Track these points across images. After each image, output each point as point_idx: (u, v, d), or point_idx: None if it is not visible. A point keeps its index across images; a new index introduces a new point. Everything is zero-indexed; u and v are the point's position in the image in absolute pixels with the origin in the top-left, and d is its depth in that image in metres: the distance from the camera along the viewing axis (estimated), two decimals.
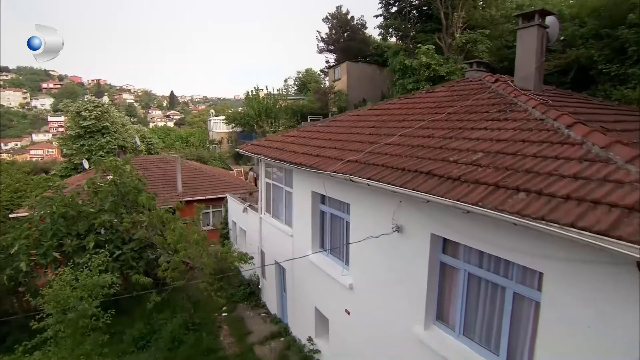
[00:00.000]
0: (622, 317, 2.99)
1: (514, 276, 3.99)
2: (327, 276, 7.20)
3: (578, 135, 3.89)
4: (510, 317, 4.07)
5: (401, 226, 5.17)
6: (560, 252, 3.30)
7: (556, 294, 3.45)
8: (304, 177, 7.90)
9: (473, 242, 4.22)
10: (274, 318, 10.28)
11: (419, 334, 5.02)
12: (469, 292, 4.60)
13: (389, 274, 5.60)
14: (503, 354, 4.19)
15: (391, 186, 4.51)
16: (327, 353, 7.74)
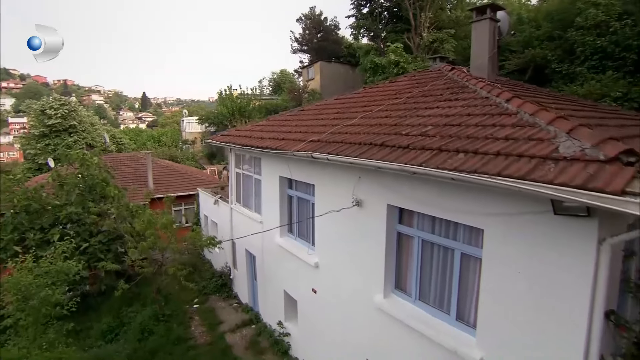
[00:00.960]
0: (546, 259, 3.36)
1: (461, 237, 4.34)
2: (295, 258, 7.40)
3: (514, 107, 4.29)
4: (459, 277, 4.40)
5: (360, 200, 5.44)
6: (497, 208, 3.66)
7: (493, 248, 3.80)
8: (272, 163, 8.08)
9: (424, 208, 4.53)
10: (246, 307, 10.36)
11: (379, 303, 5.29)
12: (423, 259, 4.90)
13: (351, 249, 5.85)
14: (453, 312, 4.52)
15: (347, 157, 4.77)
16: (297, 335, 7.91)
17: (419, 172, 3.72)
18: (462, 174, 3.30)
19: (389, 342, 5.25)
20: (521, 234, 3.51)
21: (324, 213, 5.96)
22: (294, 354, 8.03)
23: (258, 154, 8.69)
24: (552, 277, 3.34)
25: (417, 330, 4.69)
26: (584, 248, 3.08)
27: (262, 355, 8.34)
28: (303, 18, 31.82)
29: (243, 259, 10.30)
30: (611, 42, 12.92)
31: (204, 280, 12.17)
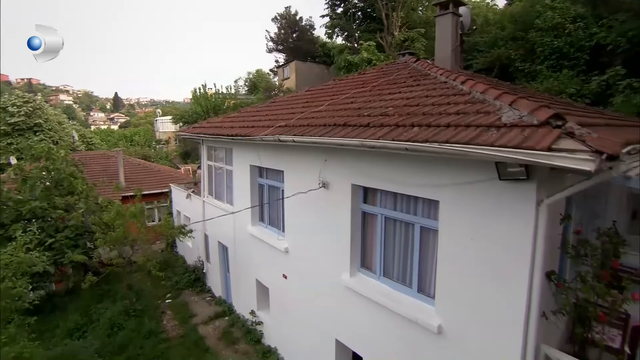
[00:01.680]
0: (493, 223, 3.60)
1: (420, 212, 4.55)
2: (266, 245, 7.47)
3: (467, 87, 4.56)
4: (419, 251, 4.61)
5: (327, 182, 5.60)
6: (450, 179, 3.89)
7: (448, 219, 4.02)
8: (242, 152, 8.14)
9: (386, 185, 4.72)
10: (219, 300, 10.32)
11: (346, 282, 5.45)
12: (386, 236, 5.10)
13: (319, 232, 5.98)
14: (415, 285, 4.73)
15: (311, 138, 4.91)
16: (269, 322, 7.97)
17: (377, 145, 3.91)
18: (415, 144, 3.49)
19: (356, 318, 5.41)
20: (472, 202, 3.75)
21: (291, 195, 6.08)
22: (266, 341, 8.08)
23: (229, 144, 8.73)
24: (498, 240, 3.59)
25: (382, 305, 4.87)
26: (524, 210, 3.33)
27: (235, 345, 8.34)
28: (278, 18, 31.92)
29: (216, 251, 10.25)
30: (567, 43, 13.74)
31: (176, 276, 12.02)
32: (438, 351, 4.24)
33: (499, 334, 3.68)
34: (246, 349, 8.15)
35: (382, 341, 5.00)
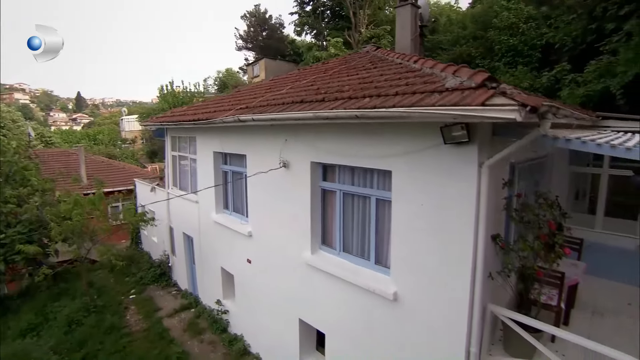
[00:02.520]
0: (441, 188, 3.78)
1: (375, 184, 4.71)
2: (230, 232, 7.43)
3: (419, 65, 4.76)
4: (376, 224, 4.75)
5: (287, 162, 5.66)
6: (401, 148, 4.05)
7: (400, 188, 4.18)
8: (206, 139, 8.06)
9: (342, 160, 4.84)
10: (185, 293, 10.12)
11: (307, 260, 5.53)
12: (345, 212, 5.21)
13: (281, 212, 6.03)
14: (372, 257, 4.87)
15: (269, 114, 4.96)
16: (235, 310, 7.92)
17: (330, 116, 4.01)
18: (365, 110, 3.62)
19: (318, 296, 5.49)
20: (421, 170, 3.92)
21: (253, 174, 6.11)
22: (232, 330, 8.02)
23: (192, 132, 8.62)
24: (445, 204, 3.77)
25: (342, 278, 4.98)
26: (467, 172, 3.53)
27: (200, 335, 8.22)
28: (248, 15, 31.70)
29: (181, 243, 10.06)
30: (521, 41, 14.57)
31: (141, 271, 11.68)
32: (395, 317, 4.38)
33: (448, 295, 3.86)
34: (212, 339, 8.05)
35: (343, 315, 5.11)
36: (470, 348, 3.81)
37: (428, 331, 4.07)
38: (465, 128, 3.33)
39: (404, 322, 4.29)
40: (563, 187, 6.81)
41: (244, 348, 7.44)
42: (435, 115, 3.06)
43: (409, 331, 4.25)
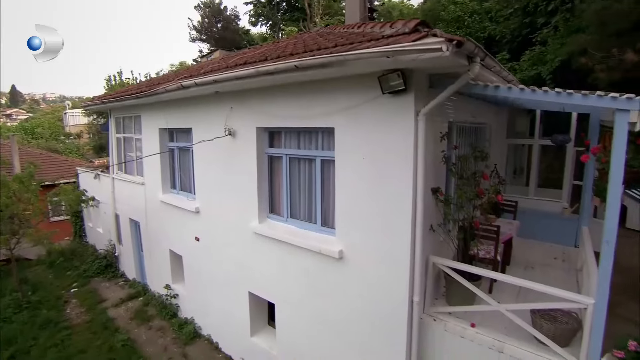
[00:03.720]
0: (381, 140, 3.85)
1: (319, 145, 4.72)
2: (177, 210, 7.15)
3: (362, 29, 4.85)
4: (321, 185, 4.75)
5: (233, 130, 5.52)
6: (343, 103, 4.08)
7: (342, 144, 4.21)
8: (151, 117, 7.70)
9: (288, 122, 4.79)
10: (133, 282, 9.63)
11: (254, 229, 5.43)
12: (291, 177, 5.16)
13: (228, 184, 5.87)
14: (319, 220, 4.87)
15: (210, 76, 4.81)
16: (185, 293, 7.63)
17: (270, 70, 3.95)
18: (303, 59, 3.61)
19: (267, 265, 5.41)
20: (361, 123, 3.96)
21: (197, 142, 5.91)
22: (183, 314, 7.73)
23: (137, 110, 8.20)
24: (385, 156, 3.84)
25: (289, 243, 4.94)
26: (405, 121, 3.62)
27: (148, 322, 7.85)
28: (202, 6, 30.73)
29: (128, 230, 9.54)
30: (466, 34, 15.32)
31: (84, 264, 10.93)
32: (341, 275, 4.42)
33: (391, 247, 3.93)
34: (161, 325, 7.71)
35: (291, 282, 5.08)
36: (413, 297, 3.92)
37: (373, 285, 4.14)
38: (401, 76, 3.41)
39: (350, 278, 4.34)
40: (501, 158, 7.24)
41: (194, 331, 7.20)
42: (370, 55, 3.09)
43: (355, 287, 4.30)
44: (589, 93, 3.04)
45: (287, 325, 5.36)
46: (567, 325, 3.61)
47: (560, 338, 3.57)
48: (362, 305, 4.28)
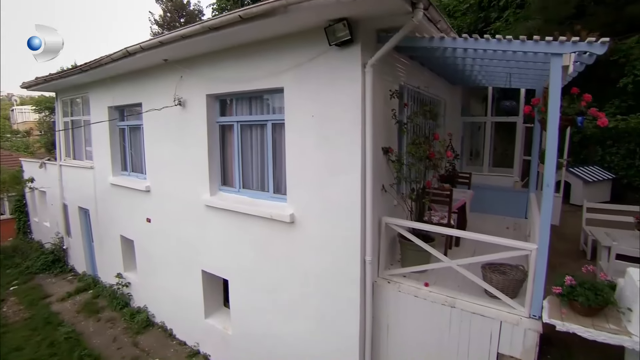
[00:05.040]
0: (329, 95, 3.78)
1: (270, 109, 4.60)
2: (127, 192, 6.78)
3: None
4: (273, 151, 4.61)
5: (183, 100, 5.28)
6: (291, 61, 3.97)
7: (292, 104, 4.10)
8: (99, 95, 7.28)
9: (238, 86, 4.61)
10: (82, 276, 9.02)
11: (206, 202, 5.21)
12: (243, 146, 4.99)
13: (179, 158, 5.60)
14: (271, 188, 4.72)
15: (156, 38, 4.56)
16: (137, 281, 7.23)
17: (215, 24, 3.76)
18: (246, 8, 3.47)
19: (219, 237, 5.21)
20: (310, 79, 3.87)
21: (145, 111, 5.62)
22: (135, 303, 7.31)
23: (84, 90, 7.74)
24: (334, 112, 3.77)
25: (241, 212, 4.77)
26: (352, 74, 3.56)
27: (97, 314, 7.36)
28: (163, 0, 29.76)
29: (77, 220, 8.95)
30: None
31: (28, 261, 10.14)
32: (293, 240, 4.29)
33: (341, 208, 3.86)
34: (112, 316, 7.25)
35: (244, 253, 4.90)
36: (365, 257, 3.86)
37: (325, 246, 4.05)
38: (347, 27, 3.36)
39: (303, 242, 4.23)
40: (457, 135, 7.39)
41: (147, 319, 6.82)
42: None
43: (309, 250, 4.19)
44: (527, 40, 3.11)
45: (240, 301, 5.16)
46: (515, 276, 3.68)
47: (509, 289, 3.63)
48: (315, 270, 4.17)
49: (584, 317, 3.05)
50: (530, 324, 3.35)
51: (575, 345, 3.47)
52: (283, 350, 4.71)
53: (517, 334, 3.41)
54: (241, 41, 4.29)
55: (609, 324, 2.95)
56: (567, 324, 2.99)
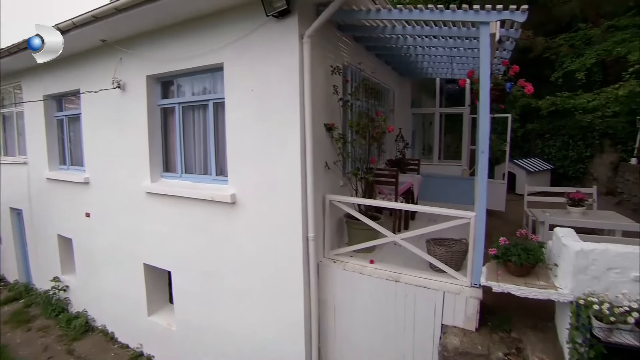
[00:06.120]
0: (267, 68, 3.71)
1: (211, 87, 4.46)
2: (65, 186, 6.31)
3: None
4: (214, 132, 4.45)
5: (122, 82, 5.02)
6: (230, 36, 3.87)
7: (231, 79, 4.00)
8: (33, 83, 6.77)
9: (177, 64, 4.42)
10: (14, 285, 8.22)
11: (147, 188, 4.93)
12: (185, 129, 4.80)
13: (118, 146, 5.28)
14: (213, 171, 4.54)
15: (89, 13, 4.30)
16: (76, 283, 6.68)
17: None
18: None
19: (160, 225, 4.92)
20: (249, 54, 3.79)
21: (82, 92, 5.31)
22: (74, 308, 6.74)
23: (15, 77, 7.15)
24: (273, 86, 3.72)
25: (182, 196, 4.56)
26: (290, 46, 3.52)
27: (28, 323, 6.70)
28: None
29: (8, 223, 8.19)
30: None
31: None
32: (236, 221, 4.15)
33: (282, 186, 3.78)
34: (45, 324, 6.63)
35: (186, 241, 4.67)
36: (308, 235, 3.77)
37: (268, 226, 3.93)
38: None
39: (246, 223, 4.08)
40: (407, 126, 7.55)
41: (86, 323, 6.30)
42: None
43: (252, 231, 4.05)
44: (457, 9, 3.21)
45: (184, 293, 4.90)
46: (458, 248, 3.72)
47: (452, 261, 3.67)
48: (259, 252, 4.03)
49: (517, 277, 3.12)
50: (471, 292, 3.39)
51: (515, 312, 3.55)
52: (230, 341, 4.48)
53: (459, 304, 3.44)
54: (180, 17, 4.14)
55: (539, 281, 3.04)
56: (502, 285, 3.05)
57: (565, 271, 2.88)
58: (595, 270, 2.73)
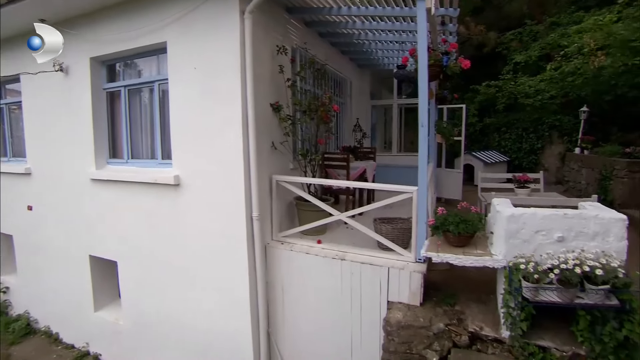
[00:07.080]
0: (210, 45, 3.64)
1: (157, 69, 4.33)
2: (5, 179, 5.92)
3: None
4: (160, 115, 4.32)
5: (65, 66, 4.78)
6: (174, 13, 3.77)
7: (175, 58, 3.90)
8: None
9: (121, 45, 4.27)
10: None
11: (91, 175, 4.71)
12: (131, 113, 4.64)
13: (61, 133, 5.00)
14: (159, 155, 4.40)
15: None
16: (17, 284, 6.26)
17: None
18: None
19: (105, 214, 4.70)
20: (192, 32, 3.72)
21: (19, 73, 5.05)
22: (15, 310, 6.30)
23: None
24: (215, 63, 3.66)
25: (128, 181, 4.39)
26: (231, 22, 3.48)
27: None
28: None
29: None
30: None
31: None
32: (180, 203, 4.02)
33: (226, 165, 3.72)
34: None
35: (131, 228, 4.48)
36: (252, 214, 3.70)
37: (213, 207, 3.84)
38: None
39: (191, 205, 3.98)
40: (366, 117, 7.61)
41: (27, 325, 5.91)
42: None
43: (197, 213, 3.94)
44: None
45: (131, 284, 4.70)
46: (405, 225, 3.74)
47: (399, 239, 3.68)
48: (205, 234, 3.92)
49: (456, 247, 3.16)
50: (415, 267, 3.40)
51: (461, 288, 3.61)
52: (180, 332, 4.31)
53: (403, 279, 3.45)
54: None
55: (477, 249, 3.09)
56: (442, 255, 3.08)
57: (498, 236, 2.94)
58: (524, 233, 2.80)
